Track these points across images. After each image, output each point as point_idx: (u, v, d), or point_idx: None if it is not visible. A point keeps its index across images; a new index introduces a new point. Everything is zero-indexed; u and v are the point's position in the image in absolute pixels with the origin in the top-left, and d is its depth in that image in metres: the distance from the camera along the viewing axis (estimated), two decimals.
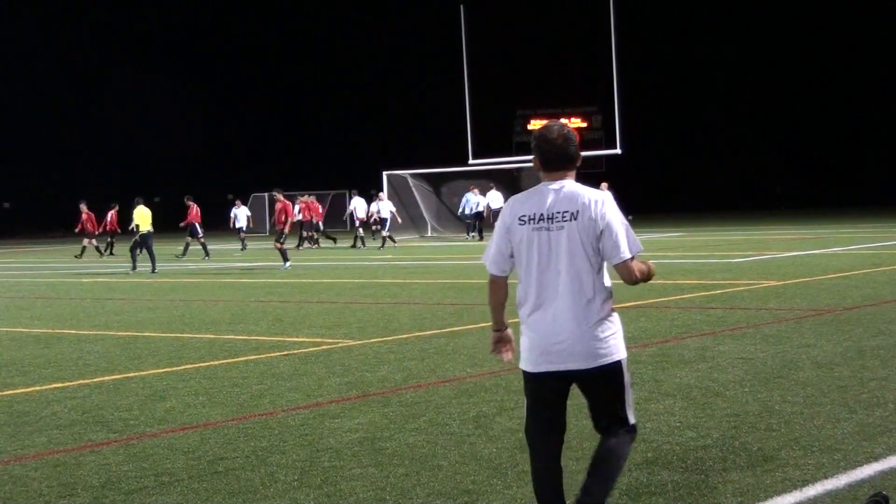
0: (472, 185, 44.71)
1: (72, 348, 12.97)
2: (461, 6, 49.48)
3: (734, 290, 17.21)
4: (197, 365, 11.18)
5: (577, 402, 8.38)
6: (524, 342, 5.01)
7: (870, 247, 27.83)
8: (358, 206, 41.06)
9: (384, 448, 7.14)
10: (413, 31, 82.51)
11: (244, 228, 42.44)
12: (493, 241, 5.08)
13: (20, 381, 10.54)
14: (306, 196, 42.25)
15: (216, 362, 11.34)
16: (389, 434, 7.54)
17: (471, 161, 48.39)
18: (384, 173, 50.21)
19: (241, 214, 42.64)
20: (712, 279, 19.73)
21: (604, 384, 4.96)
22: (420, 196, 51.16)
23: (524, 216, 4.96)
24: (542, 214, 4.92)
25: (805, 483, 5.96)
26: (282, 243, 27.73)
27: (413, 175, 51.10)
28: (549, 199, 4.92)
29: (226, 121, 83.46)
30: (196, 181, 66.41)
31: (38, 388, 10.13)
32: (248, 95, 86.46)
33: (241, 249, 39.95)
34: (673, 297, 16.23)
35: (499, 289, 5.15)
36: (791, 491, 5.84)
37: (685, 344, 11.10)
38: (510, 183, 51.41)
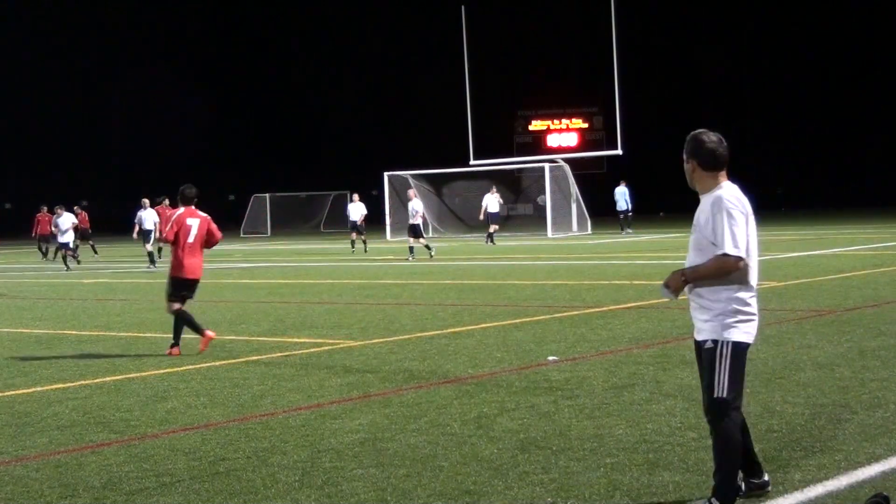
0: (623, 181, 44.14)
1: (73, 349, 12.97)
2: (462, 7, 49.46)
3: None
4: (198, 366, 11.18)
5: (578, 403, 8.40)
6: (751, 325, 5.55)
7: (871, 247, 27.81)
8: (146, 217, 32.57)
9: (385, 449, 7.14)
10: (414, 31, 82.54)
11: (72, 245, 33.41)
12: (743, 230, 5.57)
13: (21, 382, 10.55)
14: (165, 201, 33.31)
15: (217, 363, 11.34)
16: (391, 435, 7.55)
17: (472, 162, 48.37)
18: (385, 174, 50.21)
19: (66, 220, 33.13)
20: None
21: None
22: (421, 197, 51.10)
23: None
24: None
25: (806, 483, 5.97)
26: None
27: (414, 175, 51.11)
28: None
29: (226, 122, 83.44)
30: (196, 182, 66.28)
31: (39, 388, 10.14)
32: (249, 97, 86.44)
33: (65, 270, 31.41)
34: None
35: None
36: (792, 491, 5.85)
37: (686, 344, 11.05)
38: (511, 184, 51.41)
